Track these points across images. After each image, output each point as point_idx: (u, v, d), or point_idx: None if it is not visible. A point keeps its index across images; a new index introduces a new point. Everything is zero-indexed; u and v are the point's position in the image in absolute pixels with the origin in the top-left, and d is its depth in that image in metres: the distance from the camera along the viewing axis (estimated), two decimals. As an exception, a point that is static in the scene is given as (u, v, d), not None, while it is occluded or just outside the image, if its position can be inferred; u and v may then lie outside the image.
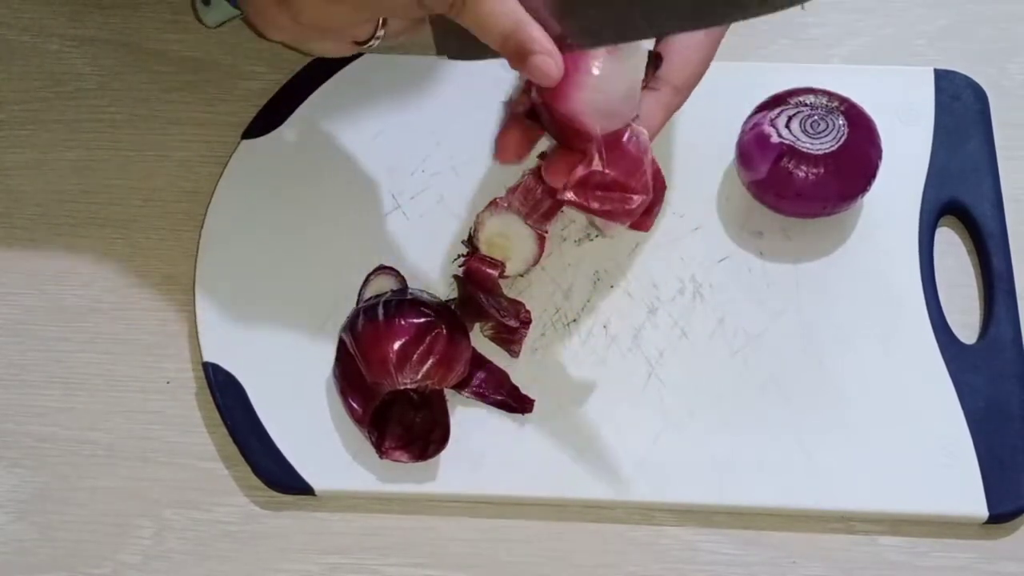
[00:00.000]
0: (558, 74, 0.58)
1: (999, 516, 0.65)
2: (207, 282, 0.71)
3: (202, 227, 0.73)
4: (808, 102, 0.70)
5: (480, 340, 0.69)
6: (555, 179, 0.62)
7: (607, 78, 0.60)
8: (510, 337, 0.69)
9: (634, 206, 0.61)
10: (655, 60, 0.63)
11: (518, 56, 0.58)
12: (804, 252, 0.72)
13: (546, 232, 0.70)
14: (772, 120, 0.70)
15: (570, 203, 0.61)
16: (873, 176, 0.70)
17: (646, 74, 0.62)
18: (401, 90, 0.77)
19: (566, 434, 0.67)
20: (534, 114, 0.63)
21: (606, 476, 0.66)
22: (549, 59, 0.58)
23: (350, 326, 0.67)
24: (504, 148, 0.65)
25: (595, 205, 0.61)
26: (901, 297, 0.70)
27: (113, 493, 0.68)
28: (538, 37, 0.58)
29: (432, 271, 0.71)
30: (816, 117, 0.69)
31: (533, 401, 0.67)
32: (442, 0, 0.58)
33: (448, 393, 0.67)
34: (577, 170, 0.61)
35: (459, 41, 0.61)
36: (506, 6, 0.58)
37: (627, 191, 0.61)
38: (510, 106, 0.66)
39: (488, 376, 0.68)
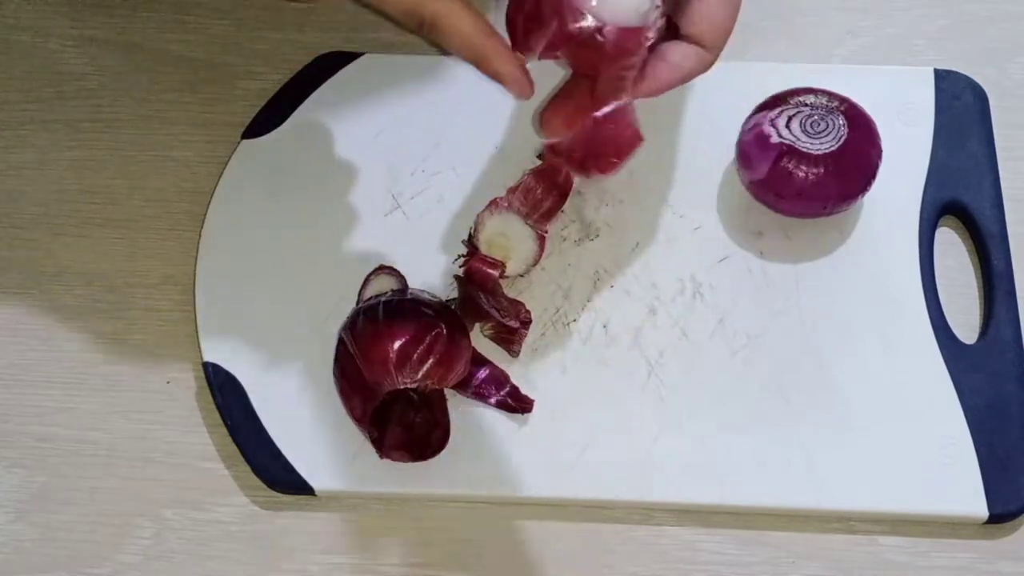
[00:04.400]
0: (529, 94, 0.61)
1: (999, 516, 0.65)
2: (207, 282, 0.71)
3: (202, 227, 0.73)
4: (808, 102, 0.70)
5: (480, 340, 0.69)
6: (550, 126, 0.65)
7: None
8: (510, 337, 0.69)
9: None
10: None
11: (491, 77, 0.61)
12: (804, 252, 0.72)
13: (546, 232, 0.70)
14: (772, 120, 0.70)
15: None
16: (873, 176, 0.70)
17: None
18: (401, 90, 0.77)
19: (566, 434, 0.67)
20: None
21: (606, 476, 0.66)
22: (517, 85, 0.61)
23: (350, 326, 0.67)
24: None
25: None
26: (901, 297, 0.70)
27: (113, 493, 0.68)
28: (505, 68, 0.60)
29: (432, 271, 0.71)
30: (816, 117, 0.69)
31: (533, 401, 0.67)
32: (411, 20, 0.60)
33: (448, 393, 0.67)
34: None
35: None
36: (472, 33, 0.60)
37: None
38: None
39: (488, 376, 0.68)
